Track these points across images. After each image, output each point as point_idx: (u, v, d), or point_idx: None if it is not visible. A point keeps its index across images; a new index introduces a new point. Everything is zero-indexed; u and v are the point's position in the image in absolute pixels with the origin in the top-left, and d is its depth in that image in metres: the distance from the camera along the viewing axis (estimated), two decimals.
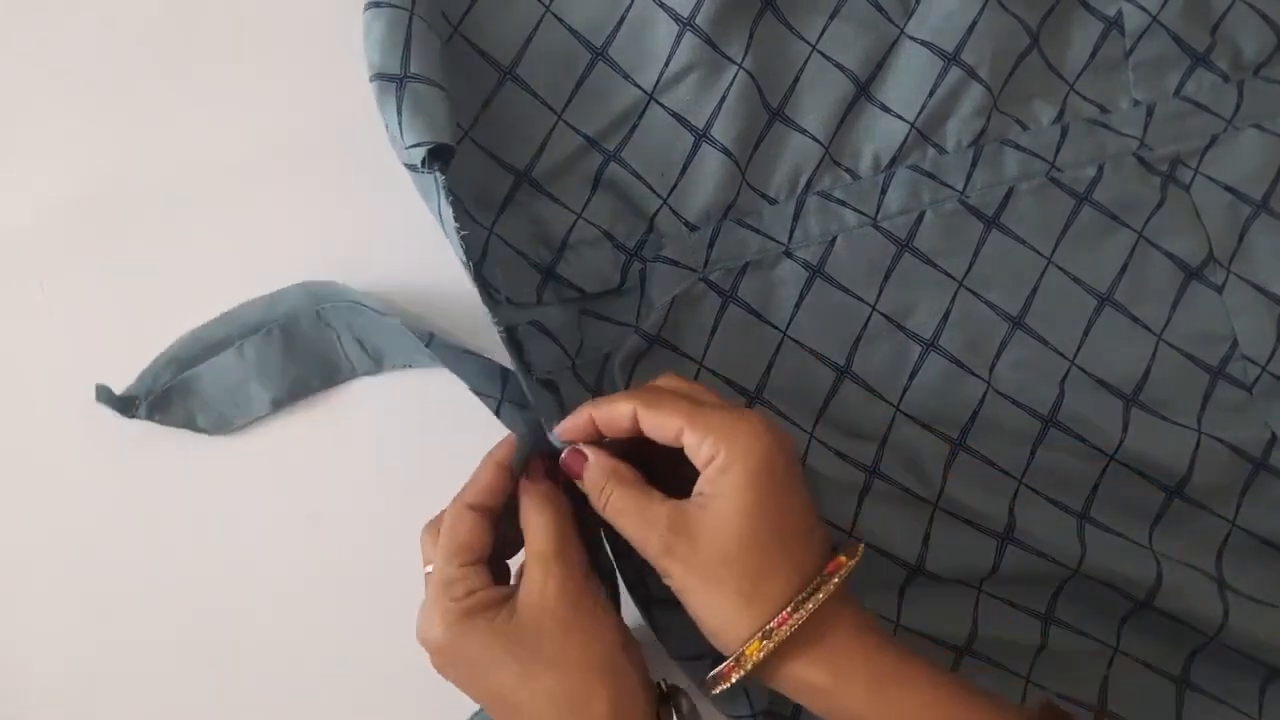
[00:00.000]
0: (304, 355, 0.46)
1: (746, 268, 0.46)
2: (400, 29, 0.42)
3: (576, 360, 0.45)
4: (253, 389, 0.46)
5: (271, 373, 0.46)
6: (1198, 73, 0.49)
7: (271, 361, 0.46)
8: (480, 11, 0.46)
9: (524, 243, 0.46)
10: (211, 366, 0.46)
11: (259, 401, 0.46)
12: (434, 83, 0.41)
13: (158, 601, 0.46)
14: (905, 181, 0.47)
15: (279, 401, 0.46)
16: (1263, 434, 0.48)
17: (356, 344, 0.46)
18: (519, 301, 0.45)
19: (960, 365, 0.46)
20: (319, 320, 0.46)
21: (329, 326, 0.46)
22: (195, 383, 0.46)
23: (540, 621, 0.35)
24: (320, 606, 0.46)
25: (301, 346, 0.46)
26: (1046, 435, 0.46)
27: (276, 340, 0.46)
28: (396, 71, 0.41)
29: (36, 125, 0.49)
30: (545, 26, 0.46)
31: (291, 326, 0.46)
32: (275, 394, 0.46)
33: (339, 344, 0.46)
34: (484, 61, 0.46)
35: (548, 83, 0.46)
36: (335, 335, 0.46)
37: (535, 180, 0.46)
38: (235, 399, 0.46)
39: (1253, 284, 0.49)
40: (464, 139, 0.46)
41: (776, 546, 0.34)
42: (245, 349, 0.46)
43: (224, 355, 0.46)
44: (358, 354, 0.46)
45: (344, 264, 0.47)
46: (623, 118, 0.46)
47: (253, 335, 0.46)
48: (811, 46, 0.47)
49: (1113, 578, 0.44)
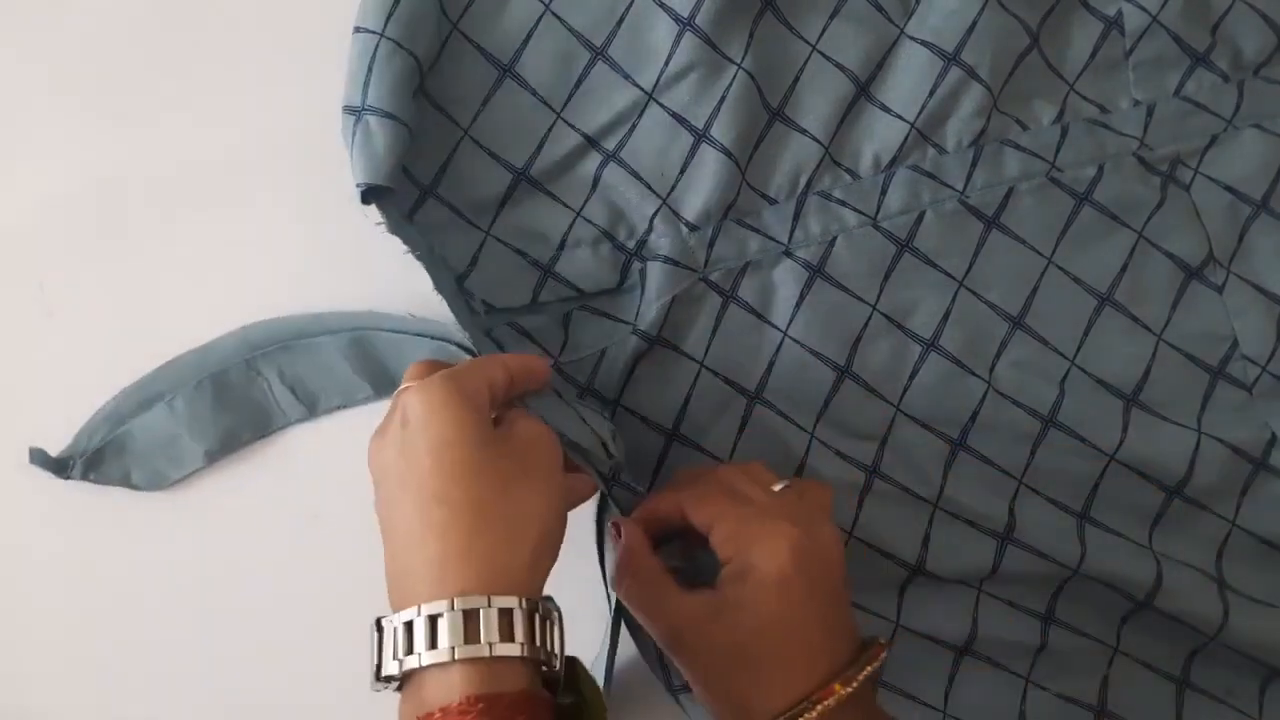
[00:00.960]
0: (234, 405, 0.46)
1: (747, 268, 0.46)
2: (366, 56, 0.42)
3: (560, 359, 0.45)
4: (184, 443, 0.46)
5: (203, 425, 0.46)
6: (1198, 73, 0.49)
7: (202, 414, 0.46)
8: (480, 9, 0.46)
9: (522, 242, 0.46)
10: (142, 422, 0.46)
11: (191, 455, 0.46)
12: (386, 114, 0.42)
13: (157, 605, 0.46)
14: (905, 181, 0.47)
15: (212, 454, 0.46)
16: (1263, 434, 0.48)
17: (288, 390, 0.46)
18: (513, 305, 0.45)
19: (960, 365, 0.46)
20: (248, 369, 0.46)
21: (259, 375, 0.46)
22: (128, 439, 0.46)
23: (526, 456, 0.34)
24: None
25: (231, 396, 0.46)
26: (1046, 435, 0.46)
27: (206, 392, 0.46)
28: (357, 104, 0.42)
29: (36, 125, 0.49)
30: (545, 25, 0.46)
31: (222, 376, 0.46)
32: (208, 446, 0.46)
33: (270, 392, 0.46)
34: (483, 59, 0.46)
35: (547, 81, 0.46)
36: (266, 384, 0.46)
37: (534, 178, 0.46)
38: (168, 454, 0.46)
39: (1253, 284, 0.49)
40: (463, 138, 0.46)
41: (774, 662, 0.34)
42: (175, 403, 0.46)
43: (155, 410, 0.46)
44: (289, 401, 0.46)
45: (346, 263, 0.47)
46: (622, 117, 0.46)
47: (184, 389, 0.46)
48: (811, 46, 0.47)
49: (1113, 578, 0.44)
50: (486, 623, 0.29)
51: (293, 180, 0.48)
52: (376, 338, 0.45)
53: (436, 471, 0.31)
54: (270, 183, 0.48)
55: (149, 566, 0.46)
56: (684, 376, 0.45)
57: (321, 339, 0.46)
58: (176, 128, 0.49)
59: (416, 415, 0.32)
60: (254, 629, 0.46)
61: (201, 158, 0.49)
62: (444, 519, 0.31)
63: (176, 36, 0.49)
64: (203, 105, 0.49)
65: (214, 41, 0.50)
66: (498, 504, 0.31)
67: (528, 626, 0.30)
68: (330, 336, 0.46)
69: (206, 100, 0.49)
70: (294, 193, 0.48)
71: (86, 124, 0.49)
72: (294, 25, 0.49)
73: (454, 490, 0.31)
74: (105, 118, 0.49)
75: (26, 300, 0.48)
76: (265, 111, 0.49)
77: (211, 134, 0.49)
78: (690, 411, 0.45)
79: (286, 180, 0.48)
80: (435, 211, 0.45)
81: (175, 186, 0.49)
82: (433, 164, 0.45)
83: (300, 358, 0.46)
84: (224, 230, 0.48)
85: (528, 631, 0.30)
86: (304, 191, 0.48)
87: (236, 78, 0.49)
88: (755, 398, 0.45)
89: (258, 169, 0.49)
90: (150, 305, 0.48)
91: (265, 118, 0.49)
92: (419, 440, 0.32)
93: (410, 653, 0.30)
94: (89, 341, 0.48)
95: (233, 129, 0.49)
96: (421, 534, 0.31)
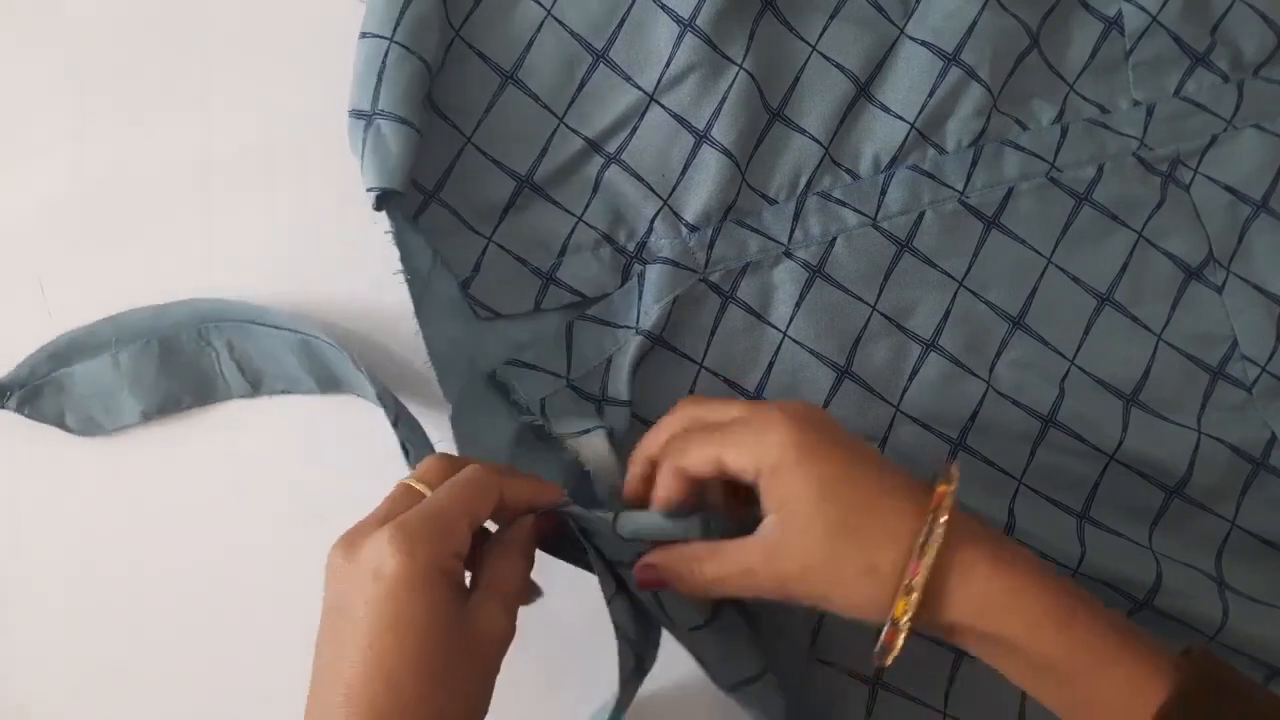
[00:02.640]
0: (179, 370, 0.46)
1: (747, 268, 0.46)
2: (376, 61, 0.42)
3: (570, 376, 0.45)
4: (124, 398, 0.46)
5: (145, 384, 0.46)
6: (1198, 73, 0.49)
7: (146, 373, 0.46)
8: (481, 16, 0.46)
9: (525, 249, 0.46)
10: (86, 369, 0.46)
11: (129, 411, 0.46)
12: (400, 119, 0.42)
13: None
14: (905, 182, 0.47)
15: (148, 414, 0.46)
16: (1263, 434, 0.48)
17: (235, 365, 0.46)
18: (516, 312, 0.45)
19: (960, 365, 0.46)
20: (200, 338, 0.46)
21: (209, 345, 0.46)
22: (68, 381, 0.46)
23: (479, 646, 0.33)
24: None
25: (178, 362, 0.46)
26: (1046, 435, 0.46)
27: (154, 352, 0.46)
28: (367, 109, 0.42)
29: (36, 125, 0.49)
30: (547, 29, 0.46)
31: (172, 340, 0.46)
32: (145, 406, 0.46)
33: (217, 363, 0.46)
34: (486, 66, 0.46)
35: (549, 86, 0.46)
36: (215, 354, 0.46)
37: (537, 185, 0.46)
38: (106, 405, 0.46)
39: (1252, 284, 0.49)
40: (466, 145, 0.46)
41: (867, 514, 0.34)
42: (121, 357, 0.46)
43: (100, 360, 0.46)
44: (235, 375, 0.46)
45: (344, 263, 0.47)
46: (624, 119, 0.46)
47: (131, 345, 0.46)
48: (811, 47, 0.47)
49: (1112, 578, 0.44)
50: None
51: (292, 180, 0.48)
52: (320, 345, 0.45)
53: (395, 649, 0.31)
54: (270, 183, 0.48)
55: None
56: (683, 378, 0.45)
57: (269, 329, 0.45)
58: (177, 128, 0.49)
59: (390, 578, 0.31)
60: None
61: (202, 158, 0.49)
62: (386, 706, 0.30)
63: (177, 37, 0.49)
64: (203, 105, 0.49)
65: (215, 42, 0.50)
66: (437, 697, 0.31)
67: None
68: (277, 330, 0.45)
69: (207, 100, 0.49)
70: (293, 192, 0.48)
71: (86, 124, 0.49)
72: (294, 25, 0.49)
73: (405, 678, 0.31)
74: (105, 117, 0.49)
75: (26, 300, 0.48)
76: (266, 112, 0.49)
77: (212, 134, 0.49)
78: None
79: (286, 180, 0.48)
80: (439, 216, 0.45)
81: (175, 186, 0.49)
82: (437, 169, 0.45)
83: (251, 339, 0.46)
84: (224, 230, 0.48)
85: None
86: (303, 191, 0.48)
87: (237, 78, 0.49)
88: (754, 399, 0.45)
89: (258, 169, 0.49)
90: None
91: (266, 118, 0.49)
92: (387, 607, 0.31)
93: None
94: None
95: (233, 129, 0.49)
96: (358, 700, 0.30)
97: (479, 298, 0.45)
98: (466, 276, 0.45)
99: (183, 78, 0.49)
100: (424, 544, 0.32)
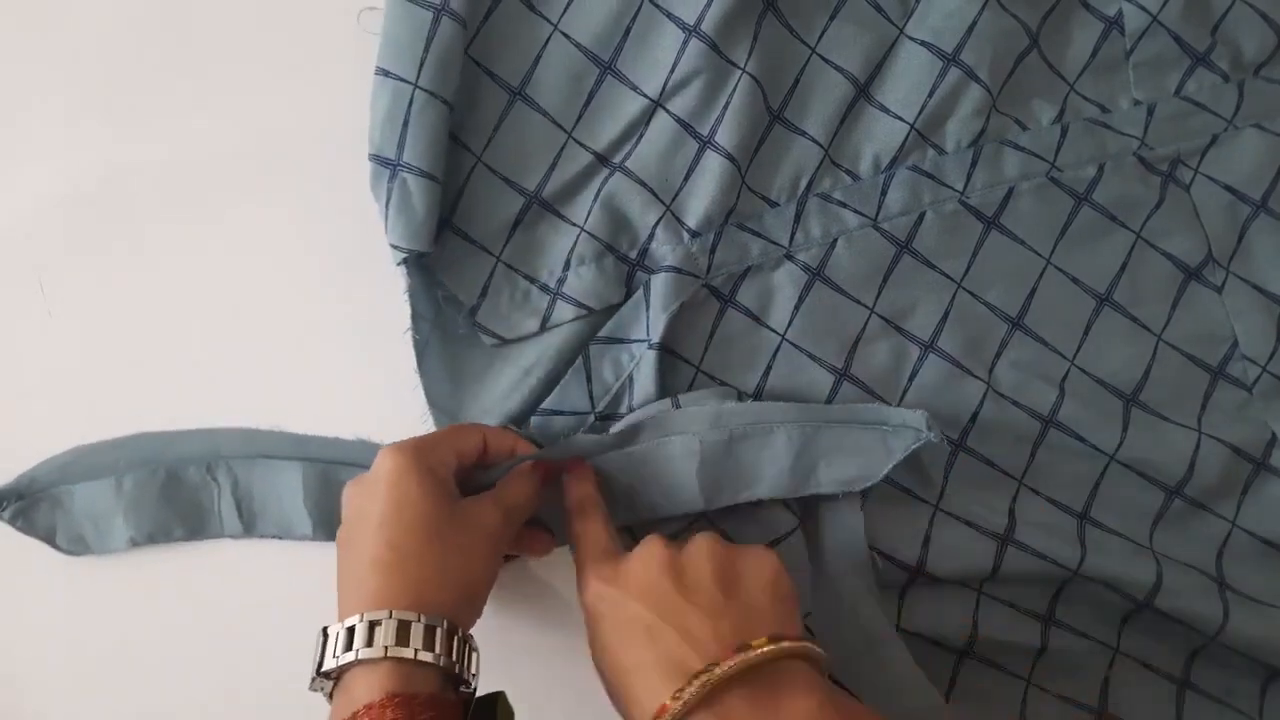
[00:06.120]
0: (178, 502, 0.46)
1: (748, 272, 0.46)
2: (401, 107, 0.42)
3: (595, 411, 0.45)
4: (117, 523, 0.46)
5: (141, 512, 0.46)
6: (1198, 73, 0.49)
7: (146, 501, 0.46)
8: (489, 34, 0.45)
9: (532, 267, 0.46)
10: (87, 489, 0.46)
11: (118, 537, 0.46)
12: (425, 173, 0.42)
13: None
14: (905, 182, 0.47)
15: (136, 540, 0.46)
16: (1263, 434, 0.48)
17: (233, 502, 0.46)
18: (522, 335, 0.45)
19: (959, 366, 0.46)
20: (206, 473, 0.46)
21: (213, 480, 0.46)
22: (68, 498, 0.46)
23: (471, 529, 0.38)
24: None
25: (178, 493, 0.46)
26: (1046, 436, 0.46)
27: (159, 480, 0.46)
28: (392, 156, 0.42)
29: (36, 125, 0.49)
30: (554, 44, 0.46)
31: (178, 471, 0.46)
32: (135, 533, 0.46)
33: (216, 499, 0.46)
34: (494, 84, 0.46)
35: (558, 101, 0.46)
36: (216, 489, 0.46)
37: (545, 200, 0.46)
38: (98, 527, 0.46)
39: (1252, 284, 0.49)
40: (476, 165, 0.45)
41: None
42: (125, 482, 0.45)
43: (103, 483, 0.46)
44: (230, 513, 0.46)
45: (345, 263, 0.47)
46: (630, 128, 0.46)
47: (139, 470, 0.46)
48: (811, 49, 0.47)
49: (1113, 579, 0.44)
50: (415, 633, 0.35)
51: (293, 181, 0.48)
52: (348, 473, 0.44)
53: (396, 521, 0.37)
54: (271, 183, 0.48)
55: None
56: (679, 381, 0.45)
57: (291, 462, 0.45)
58: (177, 128, 0.49)
59: (388, 471, 0.38)
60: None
61: (202, 158, 0.49)
62: (392, 560, 0.37)
63: (177, 37, 0.49)
64: (203, 105, 0.49)
65: (215, 42, 0.50)
66: (436, 559, 0.37)
67: (447, 643, 0.36)
68: (301, 462, 0.45)
69: (207, 100, 0.49)
70: (294, 193, 0.48)
71: (86, 124, 0.49)
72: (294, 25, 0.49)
73: (406, 540, 0.37)
74: (105, 117, 0.49)
75: (26, 300, 0.48)
76: (266, 112, 0.49)
77: (212, 134, 0.49)
78: None
79: (287, 180, 0.48)
80: (450, 244, 0.45)
81: (175, 186, 0.49)
82: (449, 194, 0.45)
83: (258, 474, 0.46)
84: (224, 230, 0.48)
85: (446, 646, 0.35)
86: (304, 192, 0.48)
87: (237, 78, 0.49)
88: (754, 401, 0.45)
89: (258, 169, 0.49)
90: (150, 305, 0.48)
91: (266, 118, 0.49)
92: (388, 492, 0.38)
93: (349, 650, 0.35)
94: (89, 341, 0.48)
95: (234, 129, 0.49)
96: (370, 565, 0.37)
97: (486, 324, 0.45)
98: (474, 304, 0.45)
99: (185, 78, 0.49)
100: (414, 451, 0.39)
